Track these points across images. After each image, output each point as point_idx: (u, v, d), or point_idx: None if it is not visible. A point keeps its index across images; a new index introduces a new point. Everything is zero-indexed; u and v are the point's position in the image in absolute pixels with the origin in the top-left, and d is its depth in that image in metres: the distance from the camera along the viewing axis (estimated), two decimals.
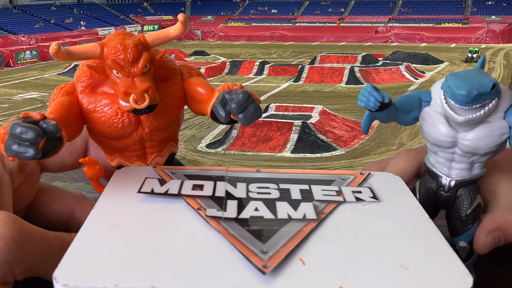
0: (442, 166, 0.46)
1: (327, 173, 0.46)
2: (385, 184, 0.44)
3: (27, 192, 0.46)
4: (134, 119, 0.43)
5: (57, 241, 0.39)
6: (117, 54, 0.40)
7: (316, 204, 0.39)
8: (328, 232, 0.35)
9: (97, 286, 0.28)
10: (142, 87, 0.40)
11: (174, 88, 0.45)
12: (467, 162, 0.44)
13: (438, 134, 0.44)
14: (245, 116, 0.39)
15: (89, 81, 0.43)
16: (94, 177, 0.44)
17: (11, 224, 0.36)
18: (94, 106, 0.42)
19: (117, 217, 0.36)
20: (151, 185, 0.41)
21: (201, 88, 0.44)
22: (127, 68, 0.40)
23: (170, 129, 0.46)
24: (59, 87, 0.43)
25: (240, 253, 0.32)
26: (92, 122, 0.43)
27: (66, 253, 0.31)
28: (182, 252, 0.32)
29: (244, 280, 0.29)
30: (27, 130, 0.35)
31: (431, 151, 0.46)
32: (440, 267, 0.31)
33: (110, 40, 0.41)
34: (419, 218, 0.38)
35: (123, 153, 0.45)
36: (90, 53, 0.41)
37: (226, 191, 0.41)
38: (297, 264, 0.31)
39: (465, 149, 0.43)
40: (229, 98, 0.40)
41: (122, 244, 0.33)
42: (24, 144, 0.35)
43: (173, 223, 0.36)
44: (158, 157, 0.46)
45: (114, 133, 0.43)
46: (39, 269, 0.38)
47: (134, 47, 0.40)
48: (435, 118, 0.44)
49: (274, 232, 0.35)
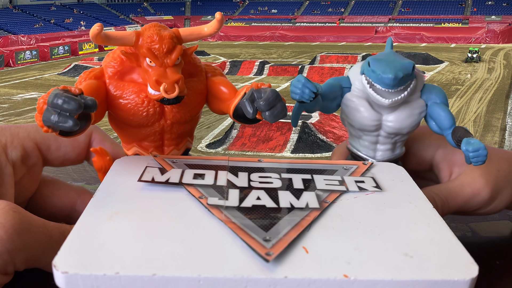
0: (367, 149, 0.47)
1: (330, 163, 0.46)
2: (388, 174, 0.43)
3: (29, 184, 0.46)
4: (158, 109, 0.44)
5: (58, 231, 0.38)
6: (153, 44, 0.41)
7: (319, 193, 0.39)
8: (331, 221, 0.35)
9: (98, 273, 0.28)
10: (173, 78, 0.41)
11: (199, 85, 0.46)
12: (391, 143, 0.47)
13: (363, 118, 0.45)
14: (272, 114, 0.40)
15: (119, 68, 0.44)
16: (102, 168, 0.44)
17: (11, 213, 0.35)
18: (121, 92, 0.43)
19: (117, 205, 0.36)
20: (152, 174, 0.40)
21: (224, 87, 0.46)
22: (160, 58, 0.41)
23: (189, 124, 0.47)
24: (87, 71, 0.44)
25: (243, 241, 0.31)
26: (116, 108, 0.44)
27: (66, 241, 0.31)
28: (183, 240, 0.31)
29: (247, 268, 0.29)
30: (69, 100, 0.36)
31: (354, 135, 0.48)
32: (445, 256, 0.31)
33: (147, 30, 0.42)
34: (422, 207, 0.38)
35: (142, 143, 0.46)
36: (126, 40, 0.42)
37: (227, 180, 0.41)
38: (300, 252, 0.31)
39: (390, 130, 0.45)
40: (258, 96, 0.41)
41: (123, 232, 0.32)
42: (64, 115, 0.36)
43: (174, 212, 0.35)
44: (175, 150, 0.47)
45: (137, 121, 0.44)
46: (40, 259, 0.37)
47: (169, 39, 0.41)
48: (358, 103, 0.45)
49: (276, 220, 0.34)
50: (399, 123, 0.45)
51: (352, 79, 0.46)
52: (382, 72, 0.42)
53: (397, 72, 0.41)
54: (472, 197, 0.47)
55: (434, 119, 0.45)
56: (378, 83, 0.42)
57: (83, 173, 0.78)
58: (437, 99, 0.45)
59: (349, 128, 0.47)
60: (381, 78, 0.42)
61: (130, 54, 0.42)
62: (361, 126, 0.45)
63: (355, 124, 0.46)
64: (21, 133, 0.45)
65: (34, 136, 0.45)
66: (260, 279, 0.28)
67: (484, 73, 13.89)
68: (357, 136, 0.47)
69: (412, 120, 0.45)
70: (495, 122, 8.66)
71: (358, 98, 0.45)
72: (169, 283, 0.28)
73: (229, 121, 8.94)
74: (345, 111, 0.46)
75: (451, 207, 0.47)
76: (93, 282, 0.28)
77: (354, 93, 0.45)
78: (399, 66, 0.42)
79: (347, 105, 0.46)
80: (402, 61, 0.43)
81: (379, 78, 0.42)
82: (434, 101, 0.45)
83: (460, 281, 0.29)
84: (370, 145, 0.47)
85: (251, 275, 0.28)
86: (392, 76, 0.41)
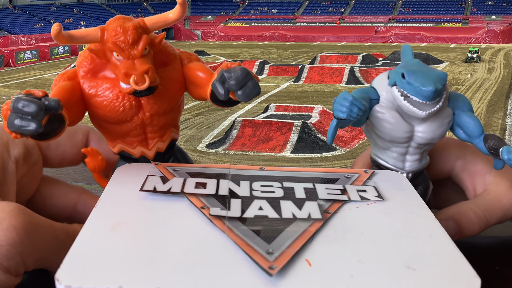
0: (396, 160, 0.46)
1: (331, 171, 0.46)
2: (389, 183, 0.43)
3: (30, 183, 0.45)
4: (135, 102, 0.43)
5: (63, 232, 0.39)
6: (117, 37, 0.40)
7: (321, 203, 0.39)
8: (333, 232, 0.35)
9: (101, 287, 0.28)
10: (142, 69, 0.40)
11: (174, 73, 0.45)
12: (419, 153, 0.46)
13: (394, 131, 0.44)
14: (244, 93, 0.39)
15: (91, 66, 0.43)
16: (96, 168, 0.44)
17: (21, 215, 0.36)
18: (96, 90, 0.43)
19: (120, 216, 0.36)
20: (154, 183, 0.40)
21: (200, 72, 0.45)
22: (127, 50, 0.40)
23: (171, 114, 0.46)
24: (61, 73, 0.44)
25: (246, 254, 0.31)
26: (93, 106, 0.43)
27: (68, 254, 0.30)
28: (187, 252, 0.31)
29: (250, 282, 0.29)
30: (29, 103, 0.35)
31: (381, 147, 0.46)
32: (448, 268, 0.31)
33: (111, 24, 0.41)
34: (424, 217, 0.38)
35: (125, 139, 0.45)
36: (91, 36, 0.41)
37: (229, 189, 0.40)
38: (303, 265, 0.31)
39: (421, 141, 0.44)
40: (228, 76, 0.40)
41: (125, 244, 0.32)
42: (26, 118, 0.35)
43: (177, 223, 0.35)
44: (159, 142, 0.46)
45: (115, 117, 0.43)
46: (47, 260, 0.37)
47: (134, 30, 0.40)
48: (388, 115, 0.44)
49: (279, 232, 0.34)
50: (431, 133, 0.44)
51: (379, 90, 0.45)
52: (421, 84, 0.41)
53: (436, 84, 0.40)
54: (510, 207, 0.47)
55: (462, 127, 0.45)
56: (416, 96, 0.41)
57: (83, 173, 0.78)
58: (464, 107, 0.45)
59: (376, 140, 0.46)
60: (420, 90, 0.41)
61: (98, 50, 0.42)
62: (392, 138, 0.44)
63: (385, 137, 0.45)
64: None
65: None
66: None
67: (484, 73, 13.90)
68: (384, 148, 0.46)
69: (443, 129, 0.44)
70: (495, 122, 8.67)
71: (388, 110, 0.44)
72: None
73: (229, 121, 8.94)
74: (374, 123, 0.45)
75: (491, 220, 0.46)
76: None
77: (383, 105, 0.44)
78: (435, 77, 0.41)
79: (377, 117, 0.44)
80: (436, 72, 0.42)
81: (418, 91, 0.41)
82: (461, 109, 0.45)
83: None
84: (399, 156, 0.46)
85: None
86: (433, 88, 0.40)
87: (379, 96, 0.45)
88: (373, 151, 0.48)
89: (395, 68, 0.44)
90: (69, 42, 0.40)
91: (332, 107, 0.43)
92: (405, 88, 0.42)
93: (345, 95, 0.42)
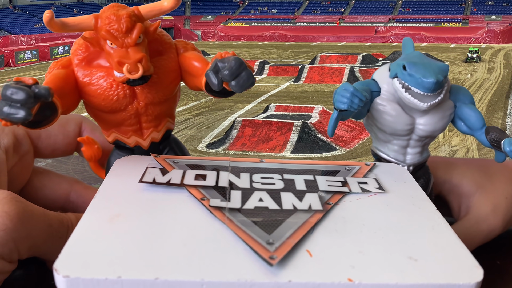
0: (397, 153, 0.46)
1: (332, 163, 0.45)
2: (390, 175, 0.43)
3: (21, 174, 0.45)
4: (129, 91, 0.43)
5: (57, 220, 0.39)
6: (111, 25, 0.40)
7: (322, 195, 0.39)
8: (334, 223, 0.35)
9: (99, 277, 0.27)
10: (135, 57, 0.40)
11: (169, 62, 0.44)
12: (421, 146, 0.46)
13: (396, 123, 0.44)
14: (238, 83, 0.39)
15: (85, 54, 0.43)
16: (92, 157, 0.43)
17: (15, 202, 0.36)
18: (90, 79, 0.42)
19: (119, 207, 0.35)
20: (153, 175, 0.40)
21: (196, 62, 0.44)
22: (120, 39, 0.40)
23: (166, 104, 0.45)
24: (55, 61, 0.43)
25: (246, 244, 0.31)
26: (87, 95, 0.43)
27: (67, 244, 0.30)
28: (186, 243, 0.31)
29: (251, 272, 0.28)
30: (17, 91, 0.34)
31: (382, 140, 0.46)
32: (450, 259, 0.31)
33: (104, 12, 0.41)
34: (426, 209, 0.37)
35: (119, 128, 0.45)
36: (84, 24, 0.41)
37: (229, 181, 0.40)
38: (304, 255, 0.30)
39: (423, 133, 0.44)
40: (222, 65, 0.40)
41: (124, 235, 0.32)
42: (15, 106, 0.34)
43: (176, 214, 0.35)
44: (154, 132, 0.46)
45: (109, 106, 0.43)
46: (41, 247, 0.38)
47: (127, 18, 0.40)
48: (389, 107, 0.44)
49: (279, 222, 0.34)
50: (432, 126, 0.44)
51: (380, 82, 0.45)
52: (423, 76, 0.40)
53: (438, 76, 0.40)
54: (489, 233, 0.47)
55: (464, 120, 0.45)
56: (417, 87, 0.41)
57: (83, 173, 0.78)
58: (465, 99, 0.45)
59: (377, 133, 0.46)
60: (421, 82, 0.41)
61: (91, 39, 0.41)
62: (394, 130, 0.44)
63: (387, 129, 0.44)
64: None
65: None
66: (264, 283, 0.28)
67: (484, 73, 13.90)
68: (385, 141, 0.46)
69: (444, 122, 0.44)
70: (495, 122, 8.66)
71: (389, 102, 0.44)
72: (171, 287, 0.28)
73: (229, 121, 8.94)
74: (374, 116, 0.45)
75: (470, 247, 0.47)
76: (94, 286, 0.27)
77: (384, 97, 0.44)
78: (437, 69, 0.41)
79: (378, 110, 0.44)
80: (438, 63, 0.42)
81: (419, 82, 0.41)
82: (462, 102, 0.45)
83: (465, 285, 0.28)
84: (400, 149, 0.46)
85: (254, 279, 0.28)
86: (434, 80, 0.40)
87: (380, 88, 0.44)
88: (374, 144, 0.48)
89: (396, 61, 0.44)
90: (62, 30, 0.40)
91: (333, 98, 0.42)
92: (407, 79, 0.42)
93: (346, 86, 0.41)
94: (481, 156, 6.75)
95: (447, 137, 7.68)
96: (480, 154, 6.87)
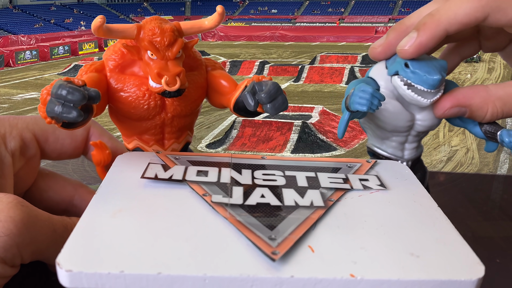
0: (395, 149, 0.46)
1: (333, 160, 0.46)
2: (392, 172, 0.43)
3: (27, 177, 0.45)
4: (159, 102, 0.44)
5: (61, 225, 0.39)
6: (154, 37, 0.41)
7: (323, 191, 0.39)
8: (336, 219, 0.35)
9: (102, 272, 0.27)
10: (175, 70, 0.41)
11: (199, 78, 0.46)
12: (417, 141, 0.46)
13: (396, 120, 0.44)
14: (273, 106, 0.41)
15: (120, 61, 0.44)
16: (101, 162, 0.44)
17: (20, 207, 0.36)
18: (122, 85, 0.43)
19: (121, 202, 0.35)
20: (155, 171, 0.40)
21: (224, 81, 0.46)
22: (162, 51, 0.41)
23: (189, 118, 0.47)
24: (88, 65, 0.44)
25: (248, 239, 0.31)
26: (117, 101, 0.44)
27: (69, 239, 0.30)
28: (188, 238, 0.31)
29: (253, 267, 0.28)
30: (74, 91, 0.36)
31: (380, 137, 0.47)
32: (452, 255, 0.31)
33: (148, 23, 0.42)
34: (427, 206, 0.37)
35: (142, 136, 0.46)
36: (127, 32, 0.42)
37: (231, 177, 0.40)
38: (306, 251, 0.30)
39: (421, 129, 0.45)
40: (259, 88, 0.41)
41: (127, 230, 0.32)
42: (68, 105, 0.36)
43: (178, 209, 0.35)
44: (175, 144, 0.47)
45: (138, 114, 0.44)
46: (44, 252, 0.37)
47: (171, 32, 0.41)
48: (390, 104, 0.44)
49: (281, 219, 0.34)
50: (430, 121, 0.44)
51: (377, 80, 0.45)
52: (427, 73, 0.41)
53: (441, 72, 0.41)
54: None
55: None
56: (421, 84, 0.41)
57: (83, 173, 0.78)
58: None
59: (376, 130, 0.46)
60: (426, 79, 0.41)
61: (132, 47, 0.42)
62: (395, 127, 0.45)
63: (388, 126, 0.45)
64: (19, 124, 0.44)
65: (32, 128, 0.45)
66: (266, 278, 0.28)
67: (484, 73, 13.90)
68: (384, 138, 0.46)
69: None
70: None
71: (388, 99, 0.44)
72: (174, 282, 0.28)
73: (229, 121, 8.94)
74: (375, 114, 0.45)
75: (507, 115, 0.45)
76: (97, 281, 0.28)
77: (383, 95, 0.44)
78: (438, 66, 0.42)
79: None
80: (437, 60, 0.43)
81: (424, 80, 0.41)
82: None
83: (467, 281, 0.29)
84: (398, 145, 0.46)
85: (257, 275, 0.28)
86: (439, 77, 0.41)
87: (379, 86, 0.45)
88: (370, 141, 0.48)
89: (393, 58, 0.44)
90: (106, 35, 0.41)
91: (349, 100, 0.42)
92: (409, 77, 0.42)
93: (364, 87, 0.41)
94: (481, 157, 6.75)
95: (447, 137, 7.68)
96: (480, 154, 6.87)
